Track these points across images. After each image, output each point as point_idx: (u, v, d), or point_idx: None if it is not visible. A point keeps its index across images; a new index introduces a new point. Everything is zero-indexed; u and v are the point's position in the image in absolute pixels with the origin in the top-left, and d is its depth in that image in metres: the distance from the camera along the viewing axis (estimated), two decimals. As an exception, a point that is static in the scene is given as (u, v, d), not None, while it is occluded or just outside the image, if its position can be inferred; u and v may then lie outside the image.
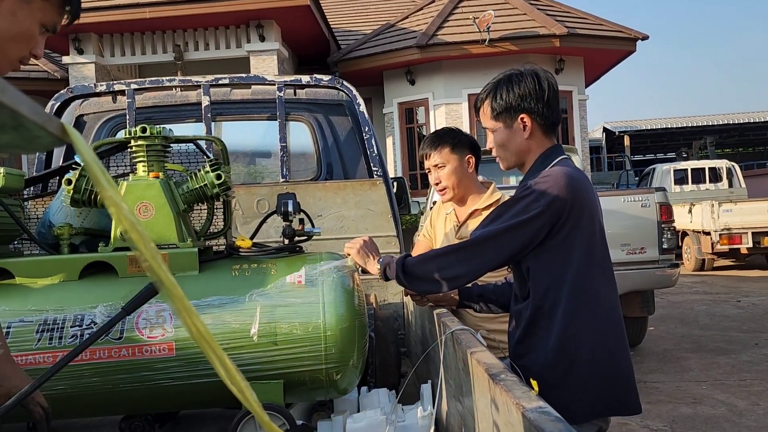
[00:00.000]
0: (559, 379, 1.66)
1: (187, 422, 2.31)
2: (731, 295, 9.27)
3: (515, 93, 1.75)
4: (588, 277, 1.68)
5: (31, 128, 0.47)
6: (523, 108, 1.74)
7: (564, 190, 1.64)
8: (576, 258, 1.67)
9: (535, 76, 1.75)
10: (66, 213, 2.07)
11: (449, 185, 2.42)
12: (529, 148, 1.79)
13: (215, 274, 1.93)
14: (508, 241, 1.67)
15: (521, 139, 1.77)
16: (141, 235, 0.55)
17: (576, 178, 1.68)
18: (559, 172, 1.68)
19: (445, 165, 2.42)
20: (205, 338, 0.58)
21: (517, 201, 1.68)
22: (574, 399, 1.64)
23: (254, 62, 10.91)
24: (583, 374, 1.67)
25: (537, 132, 1.77)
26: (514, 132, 1.77)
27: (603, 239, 1.75)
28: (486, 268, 1.76)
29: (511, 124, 1.77)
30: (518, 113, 1.75)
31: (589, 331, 1.68)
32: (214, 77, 3.33)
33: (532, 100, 1.74)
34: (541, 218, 1.64)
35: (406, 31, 12.44)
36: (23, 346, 1.75)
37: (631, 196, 5.82)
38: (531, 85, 1.74)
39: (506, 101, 1.76)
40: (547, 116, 1.75)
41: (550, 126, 1.78)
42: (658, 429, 4.27)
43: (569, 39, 11.49)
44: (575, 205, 1.65)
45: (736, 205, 11.20)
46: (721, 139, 27.06)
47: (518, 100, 1.74)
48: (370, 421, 1.87)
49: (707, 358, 5.95)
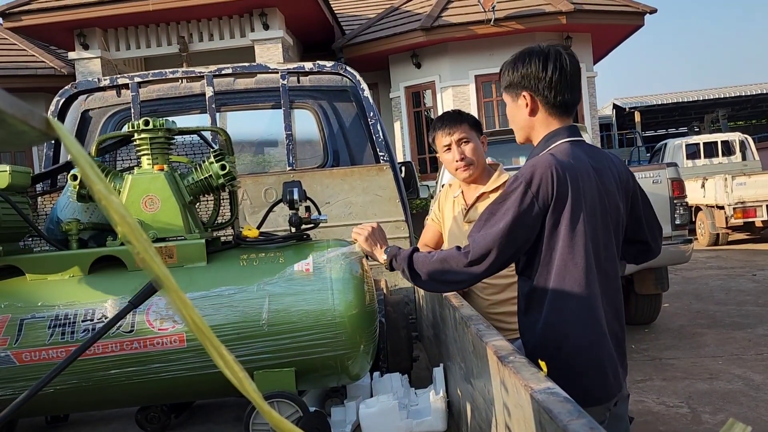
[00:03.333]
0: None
1: (203, 412, 2.33)
2: (746, 269, 9.19)
3: (519, 72, 1.76)
4: (574, 268, 1.63)
5: (13, 123, 0.46)
6: (524, 86, 1.76)
7: (548, 180, 1.62)
8: (561, 248, 1.63)
9: (543, 58, 1.74)
10: (73, 208, 2.08)
11: (474, 161, 2.42)
12: (532, 126, 1.79)
13: (223, 265, 1.93)
14: (508, 242, 1.63)
15: (524, 115, 1.78)
16: (132, 227, 0.55)
17: (564, 167, 1.64)
18: (545, 161, 1.65)
19: (469, 140, 2.42)
20: (201, 329, 0.57)
21: (507, 196, 1.66)
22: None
23: (259, 51, 10.88)
24: (563, 365, 1.62)
25: (541, 111, 1.76)
26: (518, 107, 1.79)
27: (603, 226, 1.69)
28: (491, 273, 1.71)
29: (516, 99, 1.79)
30: (520, 90, 1.77)
31: (572, 324, 1.64)
32: (217, 67, 3.32)
33: (533, 80, 1.74)
34: (534, 208, 1.63)
35: (411, 14, 12.35)
36: (36, 341, 1.77)
37: (642, 172, 5.77)
38: (534, 67, 1.73)
39: (511, 78, 1.79)
40: (549, 98, 1.74)
41: (558, 107, 1.75)
42: (674, 405, 4.26)
43: (576, 15, 11.35)
44: (560, 196, 1.62)
45: (750, 178, 11.08)
46: (733, 112, 26.70)
47: (520, 78, 1.76)
48: (383, 406, 1.87)
49: (723, 333, 5.92)
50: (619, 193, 1.77)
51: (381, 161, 3.26)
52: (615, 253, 1.75)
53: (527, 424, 1.03)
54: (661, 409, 4.21)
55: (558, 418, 0.87)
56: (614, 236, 1.74)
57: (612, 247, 1.73)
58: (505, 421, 1.21)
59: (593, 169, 1.71)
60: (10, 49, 12.93)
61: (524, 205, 1.62)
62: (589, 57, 12.89)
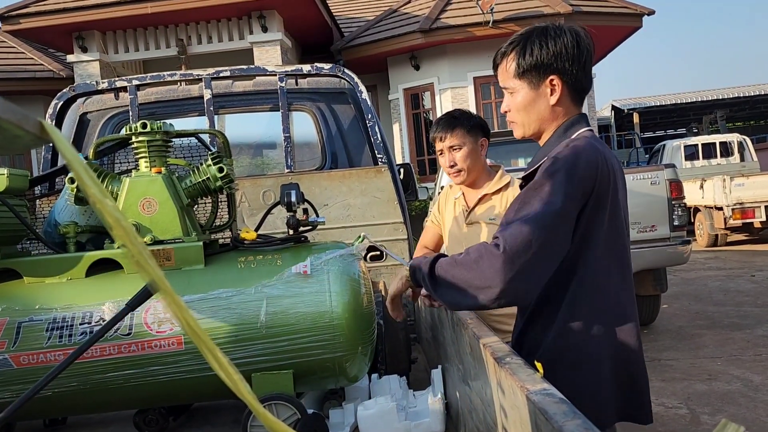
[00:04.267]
0: (561, 376, 1.32)
1: (201, 414, 2.33)
2: (745, 270, 9.20)
3: (549, 50, 1.49)
4: (602, 268, 1.45)
5: (8, 127, 0.47)
6: (555, 68, 1.49)
7: (592, 165, 1.40)
8: (594, 245, 1.43)
9: (574, 33, 1.51)
10: (71, 211, 2.08)
11: (465, 167, 2.39)
12: (553, 116, 1.53)
13: (221, 267, 1.94)
14: (553, 233, 1.34)
15: (546, 104, 1.52)
16: (126, 231, 0.55)
17: (605, 154, 1.45)
18: (588, 144, 1.44)
19: (461, 147, 2.38)
20: (196, 332, 0.57)
21: (545, 181, 1.37)
22: (579, 401, 1.10)
23: (258, 53, 10.89)
24: (590, 374, 1.44)
25: (565, 98, 1.52)
26: (540, 95, 1.52)
27: (626, 226, 1.53)
28: (547, 274, 1.38)
29: (538, 85, 1.51)
30: (548, 73, 1.50)
31: (599, 327, 1.46)
32: (215, 70, 3.32)
33: (567, 60, 1.48)
34: (577, 197, 1.38)
35: (409, 16, 12.37)
36: (34, 344, 1.77)
37: (641, 173, 5.78)
38: (570, 43, 1.48)
39: (537, 58, 1.49)
40: (580, 80, 1.51)
41: (580, 92, 1.54)
42: (673, 406, 4.26)
43: (574, 17, 11.36)
44: (602, 184, 1.41)
45: (749, 179, 11.10)
46: (732, 113, 26.72)
47: (552, 58, 1.49)
48: (381, 408, 1.87)
49: (722, 334, 5.92)
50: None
51: (379, 163, 3.27)
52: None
53: (523, 425, 1.03)
54: (660, 410, 4.20)
55: (553, 419, 0.88)
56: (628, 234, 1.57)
57: (627, 250, 1.56)
58: (502, 422, 1.22)
59: (618, 164, 1.52)
60: (8, 52, 12.94)
61: (572, 188, 1.36)
62: (588, 58, 12.89)
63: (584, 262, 1.44)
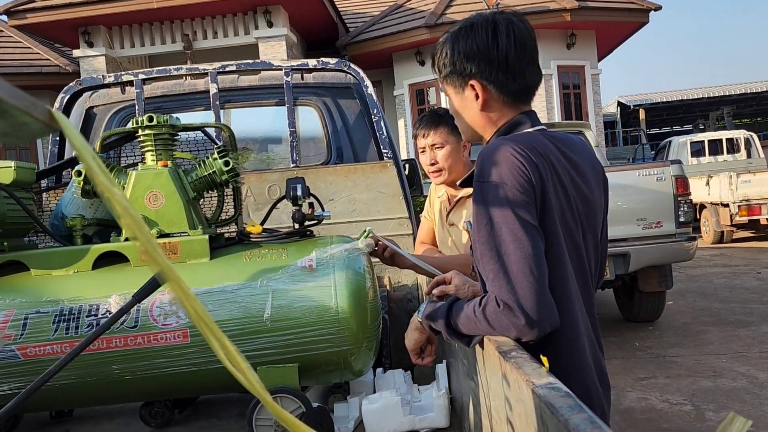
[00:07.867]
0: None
1: (206, 407, 2.34)
2: (751, 267, 9.17)
3: (459, 52, 1.33)
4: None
5: (16, 114, 0.47)
6: (471, 72, 1.33)
7: (514, 170, 1.23)
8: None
9: (491, 29, 1.31)
10: (78, 204, 2.09)
11: (445, 167, 2.35)
12: (487, 121, 1.38)
13: (227, 261, 1.94)
14: (537, 247, 1.22)
15: (475, 110, 1.37)
16: (135, 219, 0.55)
17: (528, 152, 1.25)
18: (500, 148, 1.26)
19: (443, 146, 2.35)
20: (205, 321, 0.57)
21: (489, 204, 1.23)
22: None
23: (263, 48, 10.90)
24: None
25: (494, 102, 1.35)
26: (466, 100, 1.38)
27: (580, 230, 1.34)
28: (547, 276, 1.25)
29: (461, 91, 1.38)
30: (466, 78, 1.35)
31: (556, 352, 1.30)
32: (221, 64, 3.33)
33: (481, 62, 1.32)
34: (529, 201, 1.23)
35: (415, 12, 12.35)
36: (41, 336, 1.77)
37: (646, 170, 5.76)
38: (482, 41, 1.31)
39: (450, 62, 1.35)
40: (503, 84, 1.33)
41: (515, 94, 1.35)
42: (677, 403, 4.26)
43: (580, 12, 11.33)
44: (525, 191, 1.24)
45: (755, 176, 11.05)
46: (738, 109, 26.60)
47: (463, 61, 1.33)
48: (386, 402, 1.88)
49: (727, 331, 5.90)
50: (597, 187, 1.40)
51: (384, 158, 3.26)
52: (591, 264, 1.39)
53: (528, 418, 1.03)
54: (664, 407, 4.20)
55: (559, 413, 0.88)
56: (592, 239, 1.39)
57: (589, 255, 1.38)
58: (507, 416, 1.22)
59: (565, 158, 1.32)
60: (15, 47, 12.98)
61: (519, 202, 1.21)
62: (594, 54, 12.87)
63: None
